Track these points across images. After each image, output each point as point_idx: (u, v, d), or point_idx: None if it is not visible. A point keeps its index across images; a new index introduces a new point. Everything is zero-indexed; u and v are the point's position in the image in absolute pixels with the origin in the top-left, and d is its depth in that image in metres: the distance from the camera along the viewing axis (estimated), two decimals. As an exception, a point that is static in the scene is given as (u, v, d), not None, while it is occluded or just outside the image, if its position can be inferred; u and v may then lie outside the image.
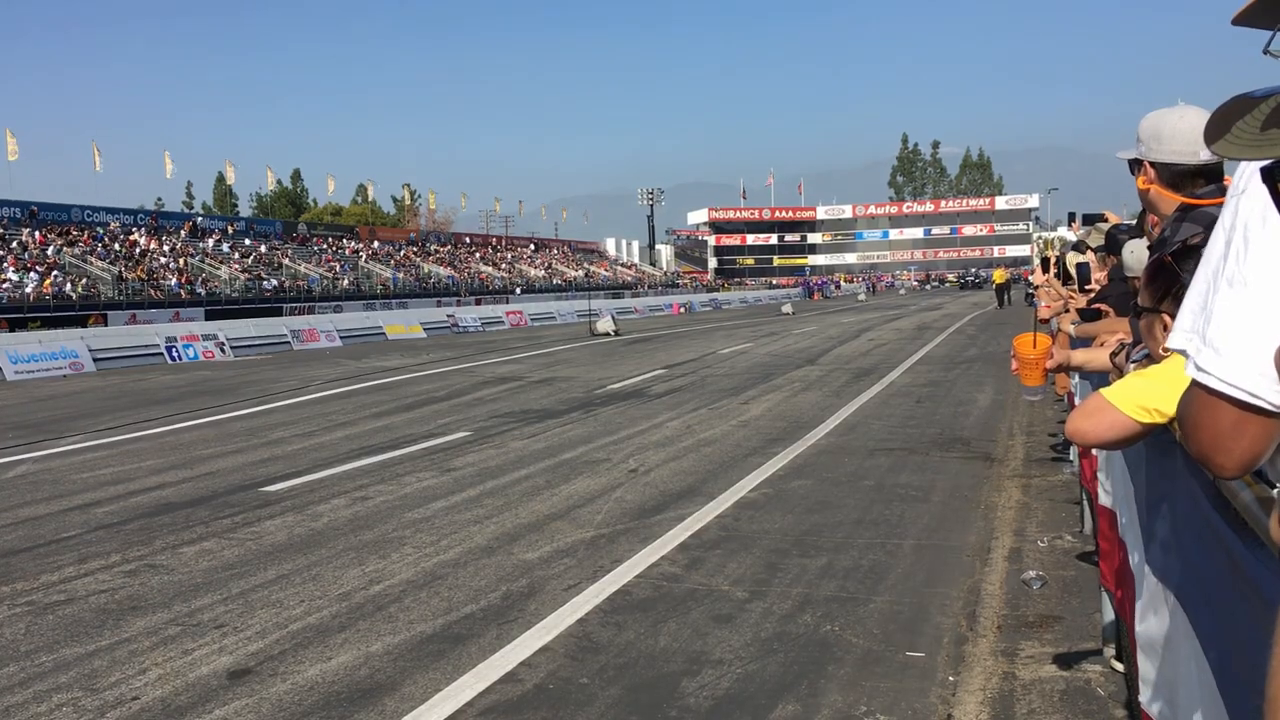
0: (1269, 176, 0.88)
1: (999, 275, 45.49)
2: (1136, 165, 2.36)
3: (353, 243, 55.44)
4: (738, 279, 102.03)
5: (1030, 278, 29.53)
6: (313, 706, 3.76)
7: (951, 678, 3.89)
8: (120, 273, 36.98)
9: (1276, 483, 1.16)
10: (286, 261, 46.95)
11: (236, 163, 74.36)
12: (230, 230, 49.37)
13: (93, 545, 6.30)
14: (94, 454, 10.02)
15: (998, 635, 4.36)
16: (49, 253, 36.53)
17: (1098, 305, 4.66)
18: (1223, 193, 1.43)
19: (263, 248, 47.56)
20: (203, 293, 39.20)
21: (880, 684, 3.82)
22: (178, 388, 17.22)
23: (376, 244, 57.01)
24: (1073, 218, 17.68)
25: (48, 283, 33.60)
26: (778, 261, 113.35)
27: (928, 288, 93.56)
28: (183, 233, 45.58)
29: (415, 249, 59.42)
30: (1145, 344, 2.07)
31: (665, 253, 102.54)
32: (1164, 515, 1.97)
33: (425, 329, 34.36)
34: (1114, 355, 2.84)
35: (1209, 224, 1.54)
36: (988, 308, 41.23)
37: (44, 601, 5.16)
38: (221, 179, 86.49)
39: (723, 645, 4.27)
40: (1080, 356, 3.30)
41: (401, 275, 51.91)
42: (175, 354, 24.38)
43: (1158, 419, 1.75)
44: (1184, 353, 1.09)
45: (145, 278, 37.77)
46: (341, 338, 30.39)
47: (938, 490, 7.28)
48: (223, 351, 25.60)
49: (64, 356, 21.78)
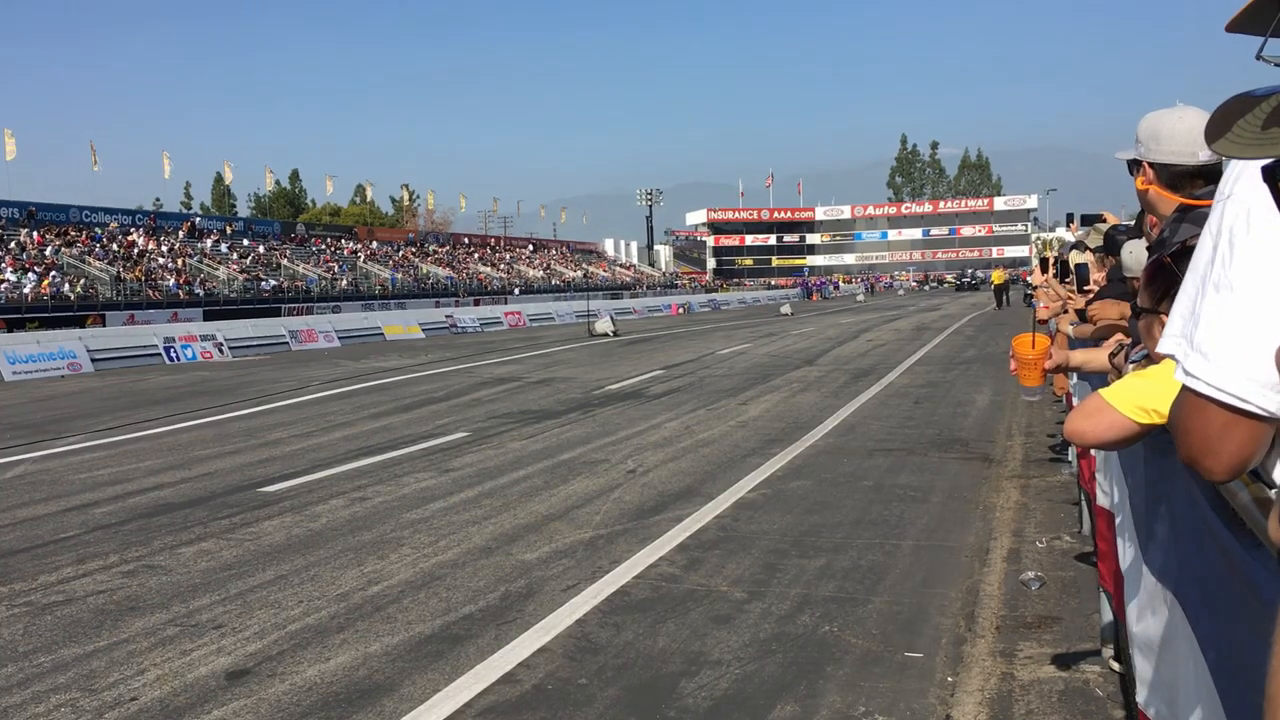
0: (1270, 176, 0.88)
1: (997, 276, 45.43)
2: (1135, 166, 2.36)
3: (351, 243, 55.42)
4: (736, 279, 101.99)
5: (1029, 278, 29.54)
6: (311, 707, 3.75)
7: (950, 678, 3.90)
8: (118, 273, 36.96)
9: (1272, 484, 1.16)
10: (285, 262, 46.94)
11: (235, 163, 74.62)
12: (229, 231, 49.37)
13: (91, 546, 6.30)
14: (92, 454, 10.01)
15: (996, 636, 4.36)
16: (47, 253, 36.51)
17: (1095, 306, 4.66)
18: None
19: (261, 248, 47.54)
20: (201, 293, 39.17)
21: (879, 684, 3.82)
22: (176, 388, 17.21)
23: (375, 244, 57.00)
24: (1071, 218, 17.71)
25: (46, 283, 33.57)
26: (776, 262, 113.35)
27: (926, 288, 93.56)
28: (181, 233, 45.55)
29: (414, 249, 59.38)
30: (1144, 344, 2.08)
31: (664, 253, 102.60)
32: (1162, 516, 1.97)
33: (424, 329, 34.38)
34: (1113, 356, 2.84)
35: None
36: (986, 308, 41.27)
37: (42, 602, 5.16)
38: (220, 179, 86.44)
39: (721, 646, 4.27)
40: (1079, 357, 3.30)
41: (400, 276, 51.89)
42: (173, 354, 24.37)
43: (1156, 419, 1.75)
44: (1173, 357, 1.10)
45: (143, 278, 37.74)
46: (340, 338, 30.39)
47: (936, 491, 7.28)
48: (221, 352, 25.59)
49: (62, 357, 21.77)
